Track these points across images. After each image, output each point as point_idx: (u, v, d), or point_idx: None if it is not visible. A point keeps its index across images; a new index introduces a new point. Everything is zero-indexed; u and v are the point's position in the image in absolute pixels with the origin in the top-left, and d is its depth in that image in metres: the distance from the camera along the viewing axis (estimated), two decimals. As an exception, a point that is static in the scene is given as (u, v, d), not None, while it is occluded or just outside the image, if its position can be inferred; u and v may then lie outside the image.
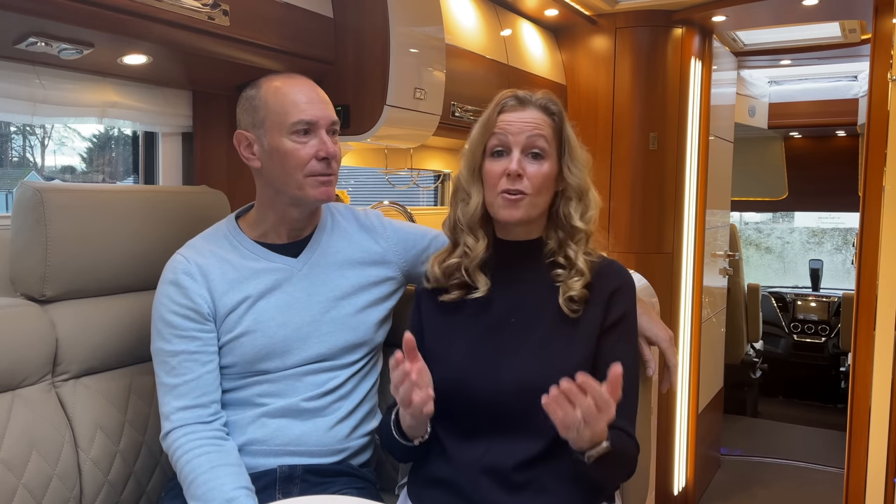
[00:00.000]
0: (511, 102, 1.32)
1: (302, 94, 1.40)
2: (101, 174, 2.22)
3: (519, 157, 1.29)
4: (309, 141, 1.39)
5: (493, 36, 2.69)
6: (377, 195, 3.05)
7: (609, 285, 1.32)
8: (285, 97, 1.39)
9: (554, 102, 1.34)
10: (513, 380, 1.27)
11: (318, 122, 1.39)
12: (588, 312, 1.30)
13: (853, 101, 4.66)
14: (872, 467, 2.52)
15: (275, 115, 1.39)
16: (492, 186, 1.31)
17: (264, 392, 1.41)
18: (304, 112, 1.38)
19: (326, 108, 1.42)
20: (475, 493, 1.26)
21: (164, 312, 1.37)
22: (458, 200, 1.36)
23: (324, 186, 1.41)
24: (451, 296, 1.36)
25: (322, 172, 1.40)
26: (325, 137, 1.40)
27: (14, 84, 1.60)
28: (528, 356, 1.29)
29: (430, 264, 1.40)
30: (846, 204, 5.03)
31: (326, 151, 1.39)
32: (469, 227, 1.34)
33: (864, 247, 2.62)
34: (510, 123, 1.30)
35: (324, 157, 1.39)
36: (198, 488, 1.27)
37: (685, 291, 3.30)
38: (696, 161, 3.28)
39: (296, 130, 1.38)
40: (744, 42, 3.79)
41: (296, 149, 1.38)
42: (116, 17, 1.38)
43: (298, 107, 1.38)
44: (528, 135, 1.29)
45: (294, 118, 1.38)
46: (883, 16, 2.58)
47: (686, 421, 3.39)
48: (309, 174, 1.39)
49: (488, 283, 1.34)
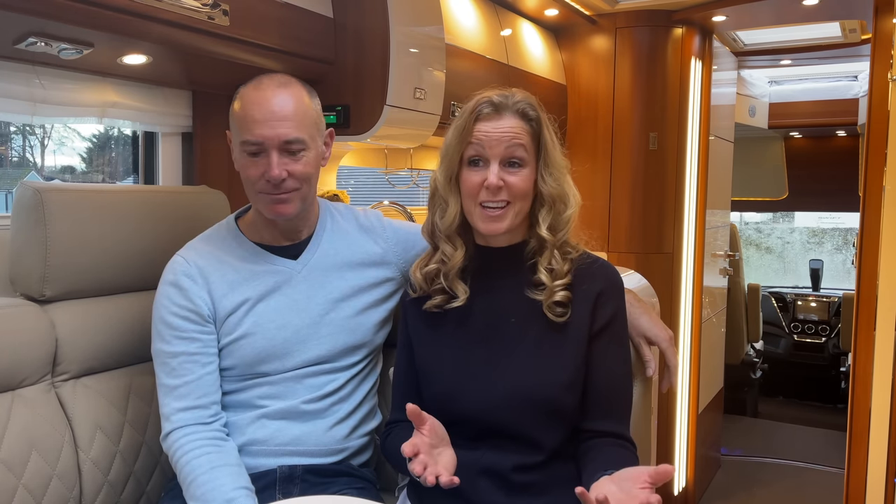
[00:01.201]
0: (486, 110, 1.26)
1: (258, 111, 1.33)
2: (101, 174, 2.22)
3: (497, 169, 1.24)
4: (258, 161, 1.35)
5: (493, 36, 2.69)
6: (377, 195, 3.05)
7: (594, 287, 1.29)
8: (244, 111, 1.35)
9: (532, 107, 1.28)
10: (505, 392, 1.25)
11: (264, 143, 1.34)
12: (574, 315, 1.28)
13: (853, 101, 4.66)
14: (872, 467, 2.52)
15: (235, 128, 1.38)
16: (470, 196, 1.27)
17: (264, 394, 1.41)
18: (250, 132, 1.34)
19: (280, 126, 1.33)
20: (475, 494, 1.25)
21: (164, 314, 1.37)
22: (435, 206, 1.33)
23: (274, 205, 1.37)
24: (434, 301, 1.33)
25: (269, 192, 1.36)
26: (273, 159, 1.33)
27: (14, 84, 1.60)
28: (519, 366, 1.27)
29: (412, 271, 1.37)
30: (846, 204, 5.03)
31: (269, 175, 1.33)
32: (447, 235, 1.31)
33: (864, 247, 2.62)
34: (487, 134, 1.25)
35: (268, 180, 1.35)
36: (198, 489, 1.27)
37: (685, 291, 3.30)
38: (696, 161, 3.28)
39: (244, 150, 1.36)
40: (744, 42, 3.79)
41: (245, 166, 1.37)
42: (116, 17, 1.38)
43: (247, 125, 1.34)
44: (507, 145, 1.25)
45: (243, 137, 1.35)
46: (883, 16, 2.58)
47: (686, 421, 3.39)
48: (260, 191, 1.37)
49: (467, 292, 1.31)
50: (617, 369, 1.30)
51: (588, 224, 3.50)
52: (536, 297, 1.29)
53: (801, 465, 4.08)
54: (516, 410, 1.25)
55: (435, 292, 1.33)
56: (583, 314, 1.28)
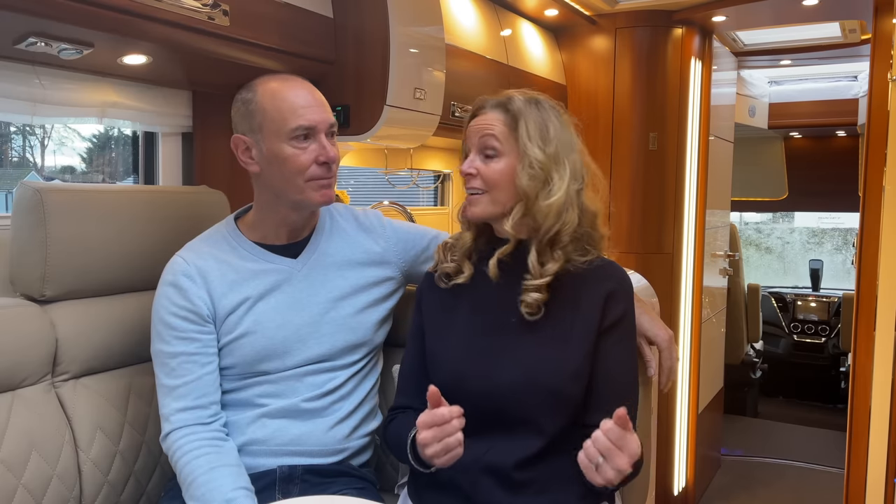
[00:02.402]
0: (478, 106, 1.36)
1: (299, 97, 1.38)
2: (101, 174, 2.22)
3: (474, 157, 1.32)
4: (309, 146, 1.37)
5: (493, 36, 2.69)
6: (377, 195, 3.04)
7: (605, 287, 1.32)
8: (283, 102, 1.37)
9: (512, 100, 1.31)
10: (511, 377, 1.27)
11: (317, 126, 1.38)
12: (584, 313, 1.31)
13: (853, 101, 4.66)
14: (872, 467, 2.52)
15: (272, 121, 1.37)
16: (463, 185, 1.37)
17: (264, 393, 1.41)
18: (302, 117, 1.36)
19: (324, 110, 1.40)
20: (476, 493, 1.26)
21: (163, 314, 1.37)
22: None
23: (325, 189, 1.40)
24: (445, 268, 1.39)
25: (322, 176, 1.39)
26: (324, 141, 1.39)
27: (14, 84, 1.60)
28: (525, 354, 1.29)
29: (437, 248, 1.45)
30: (846, 204, 5.03)
31: (326, 156, 1.38)
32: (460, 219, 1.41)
33: (864, 247, 2.62)
34: (471, 128, 1.35)
35: (324, 162, 1.38)
36: (197, 489, 1.27)
37: (685, 291, 3.30)
38: (696, 161, 3.28)
39: (295, 136, 1.37)
40: (744, 42, 3.79)
41: (296, 154, 1.37)
42: (116, 17, 1.38)
43: (296, 112, 1.36)
44: (480, 136, 1.32)
45: (293, 124, 1.36)
46: (883, 16, 2.58)
47: (686, 421, 3.39)
48: (310, 178, 1.38)
49: (471, 270, 1.37)
50: (623, 367, 1.34)
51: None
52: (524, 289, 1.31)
53: (801, 465, 4.08)
54: (520, 395, 1.27)
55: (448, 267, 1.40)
56: (592, 312, 1.31)
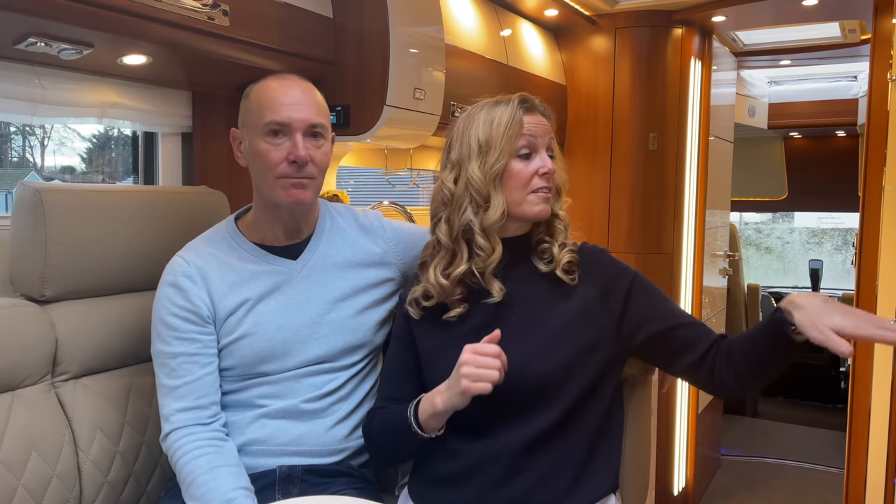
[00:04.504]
0: (526, 105, 1.35)
1: (286, 95, 1.37)
2: (101, 174, 2.22)
3: (545, 156, 1.34)
4: (282, 143, 1.36)
5: (493, 36, 2.69)
6: (377, 195, 3.04)
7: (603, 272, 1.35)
8: (266, 97, 1.37)
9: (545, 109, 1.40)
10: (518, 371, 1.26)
11: (292, 124, 1.36)
12: (586, 299, 1.33)
13: (853, 101, 4.66)
14: (872, 467, 2.52)
15: (253, 115, 1.39)
16: (520, 187, 1.32)
17: (264, 394, 1.41)
18: (276, 113, 1.35)
19: (306, 110, 1.37)
20: (480, 487, 1.26)
21: (163, 314, 1.37)
22: (465, 206, 1.31)
23: (294, 189, 1.37)
24: (457, 311, 1.34)
25: (291, 175, 1.36)
26: (297, 140, 1.36)
27: (14, 84, 1.60)
28: (533, 345, 1.29)
29: (432, 275, 1.34)
30: (846, 204, 5.03)
31: (296, 154, 1.35)
32: (487, 232, 1.31)
33: (864, 247, 2.62)
34: (535, 126, 1.33)
35: (293, 161, 1.35)
36: (197, 489, 1.27)
37: (685, 291, 3.29)
38: (696, 161, 3.28)
39: (268, 131, 1.36)
40: (744, 42, 3.79)
41: (267, 150, 1.36)
42: (116, 17, 1.38)
43: (273, 107, 1.36)
44: (550, 136, 1.37)
45: (266, 118, 1.36)
46: (883, 16, 2.58)
47: (686, 421, 3.39)
48: (280, 176, 1.37)
49: (503, 289, 1.33)
50: (669, 305, 1.36)
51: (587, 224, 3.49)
52: (545, 280, 1.34)
53: (801, 465, 4.08)
54: (527, 383, 1.27)
55: (455, 302, 1.34)
56: (593, 297, 1.33)
